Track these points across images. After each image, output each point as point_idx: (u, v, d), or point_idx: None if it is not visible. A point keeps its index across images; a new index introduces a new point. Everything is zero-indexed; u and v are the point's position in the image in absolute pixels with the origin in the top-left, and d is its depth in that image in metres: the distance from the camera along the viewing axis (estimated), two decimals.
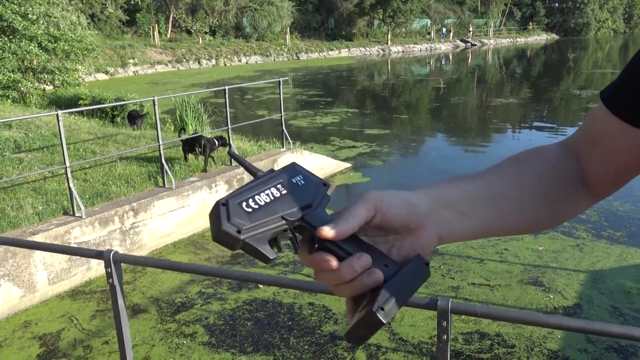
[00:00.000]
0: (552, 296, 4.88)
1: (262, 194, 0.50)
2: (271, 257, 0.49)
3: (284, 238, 0.51)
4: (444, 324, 1.22)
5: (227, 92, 7.26)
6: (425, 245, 0.54)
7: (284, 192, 0.51)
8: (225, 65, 32.90)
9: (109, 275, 1.74)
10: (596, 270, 5.40)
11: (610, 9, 61.06)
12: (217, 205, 0.48)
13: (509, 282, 5.16)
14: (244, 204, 0.49)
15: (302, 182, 0.53)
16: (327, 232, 0.50)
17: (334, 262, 0.50)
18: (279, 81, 8.12)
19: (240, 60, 34.27)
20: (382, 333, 4.36)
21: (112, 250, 1.73)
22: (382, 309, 0.49)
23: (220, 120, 12.27)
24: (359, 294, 0.52)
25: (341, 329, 4.46)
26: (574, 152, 0.67)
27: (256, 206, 0.49)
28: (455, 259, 5.70)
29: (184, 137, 7.59)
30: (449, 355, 1.26)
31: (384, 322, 0.48)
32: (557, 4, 58.99)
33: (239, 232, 0.47)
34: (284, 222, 0.50)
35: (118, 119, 11.33)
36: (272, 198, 0.50)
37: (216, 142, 7.11)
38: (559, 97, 19.61)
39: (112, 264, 1.70)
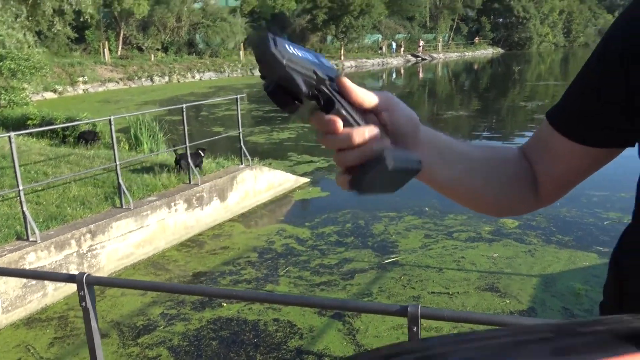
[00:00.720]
0: (507, 301, 5.08)
1: (299, 51, 0.52)
2: (304, 89, 0.52)
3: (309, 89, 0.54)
4: (415, 329, 1.30)
5: (184, 109, 7.23)
6: None
7: (315, 60, 0.54)
8: (178, 81, 32.54)
9: (82, 298, 1.74)
10: (547, 274, 5.65)
11: (550, 24, 64.06)
12: (265, 33, 0.51)
13: (467, 289, 5.34)
14: (286, 44, 0.51)
15: (327, 63, 0.56)
16: (346, 81, 0.56)
17: (340, 124, 0.55)
18: (237, 98, 8.15)
19: (193, 77, 33.99)
20: (347, 345, 4.43)
21: (85, 273, 1.74)
22: (392, 159, 0.55)
23: (177, 138, 12.13)
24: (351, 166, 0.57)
25: (306, 344, 4.50)
26: (528, 158, 0.77)
27: (295, 52, 0.52)
28: (415, 269, 5.84)
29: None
30: None
31: (390, 167, 0.54)
32: (501, 20, 61.42)
33: (282, 58, 0.50)
34: (315, 76, 0.53)
35: (70, 139, 11.04)
36: (307, 57, 0.53)
37: (201, 153, 7.79)
38: (506, 108, 20.40)
39: (85, 287, 1.70)
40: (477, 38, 60.12)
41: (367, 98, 0.57)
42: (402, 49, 50.54)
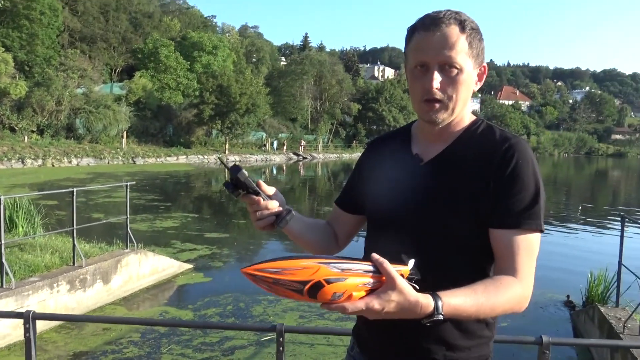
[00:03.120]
0: None
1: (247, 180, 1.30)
2: (253, 187, 1.31)
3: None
4: (280, 339, 1.99)
5: (74, 194, 7.51)
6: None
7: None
8: (53, 165, 31.28)
9: (26, 330, 2.18)
10: None
11: None
12: (240, 168, 1.29)
13: None
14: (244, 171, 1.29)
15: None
16: (262, 182, 1.33)
17: (262, 200, 1.31)
18: (126, 185, 8.55)
19: (70, 162, 32.89)
20: None
21: (32, 310, 2.20)
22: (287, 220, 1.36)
23: (54, 222, 11.92)
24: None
25: None
26: (330, 224, 1.59)
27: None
28: (290, 345, 6.44)
29: None
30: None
31: (294, 213, 1.37)
32: (375, 127, 67.58)
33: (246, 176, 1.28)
34: (254, 184, 1.31)
35: None
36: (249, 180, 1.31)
37: None
38: None
39: (30, 321, 2.16)
40: (354, 141, 65.30)
41: (270, 190, 1.37)
42: (285, 147, 53.21)
